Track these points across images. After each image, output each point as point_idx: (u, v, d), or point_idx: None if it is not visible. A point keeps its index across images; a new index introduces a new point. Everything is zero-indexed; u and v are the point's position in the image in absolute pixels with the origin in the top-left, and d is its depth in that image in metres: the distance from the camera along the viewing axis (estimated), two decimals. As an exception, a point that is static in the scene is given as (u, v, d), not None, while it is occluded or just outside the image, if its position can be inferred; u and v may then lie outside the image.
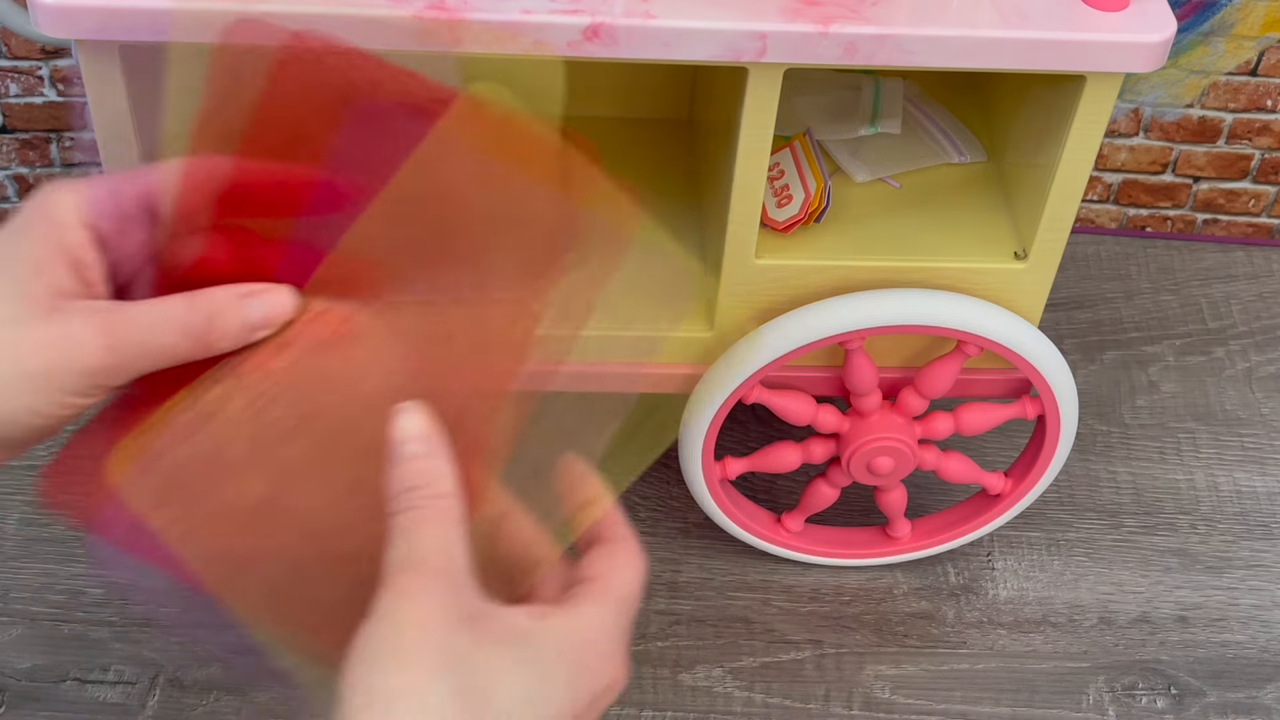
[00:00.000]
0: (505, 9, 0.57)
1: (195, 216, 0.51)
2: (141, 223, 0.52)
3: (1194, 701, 0.77)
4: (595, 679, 0.48)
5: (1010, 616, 0.80)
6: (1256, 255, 1.01)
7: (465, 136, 0.51)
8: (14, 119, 0.91)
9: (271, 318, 0.51)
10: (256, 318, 0.51)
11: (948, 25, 0.59)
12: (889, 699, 0.76)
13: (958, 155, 0.75)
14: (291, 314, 0.51)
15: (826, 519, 0.81)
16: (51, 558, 0.79)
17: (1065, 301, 0.97)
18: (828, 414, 0.73)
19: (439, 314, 0.52)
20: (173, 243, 0.52)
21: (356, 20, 0.57)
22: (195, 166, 0.51)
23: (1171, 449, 0.89)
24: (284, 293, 0.51)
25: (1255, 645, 0.79)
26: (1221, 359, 0.94)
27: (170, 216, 0.51)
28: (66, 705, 0.73)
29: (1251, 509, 0.86)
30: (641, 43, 0.58)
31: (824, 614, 0.79)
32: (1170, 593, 0.81)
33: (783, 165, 0.71)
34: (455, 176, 0.52)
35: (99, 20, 0.57)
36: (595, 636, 0.49)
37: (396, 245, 0.52)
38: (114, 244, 0.52)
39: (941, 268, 0.69)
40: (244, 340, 0.51)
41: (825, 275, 0.69)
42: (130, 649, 0.75)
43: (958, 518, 0.80)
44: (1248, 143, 0.97)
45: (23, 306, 0.50)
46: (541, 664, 0.47)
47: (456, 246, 0.52)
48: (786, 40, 0.59)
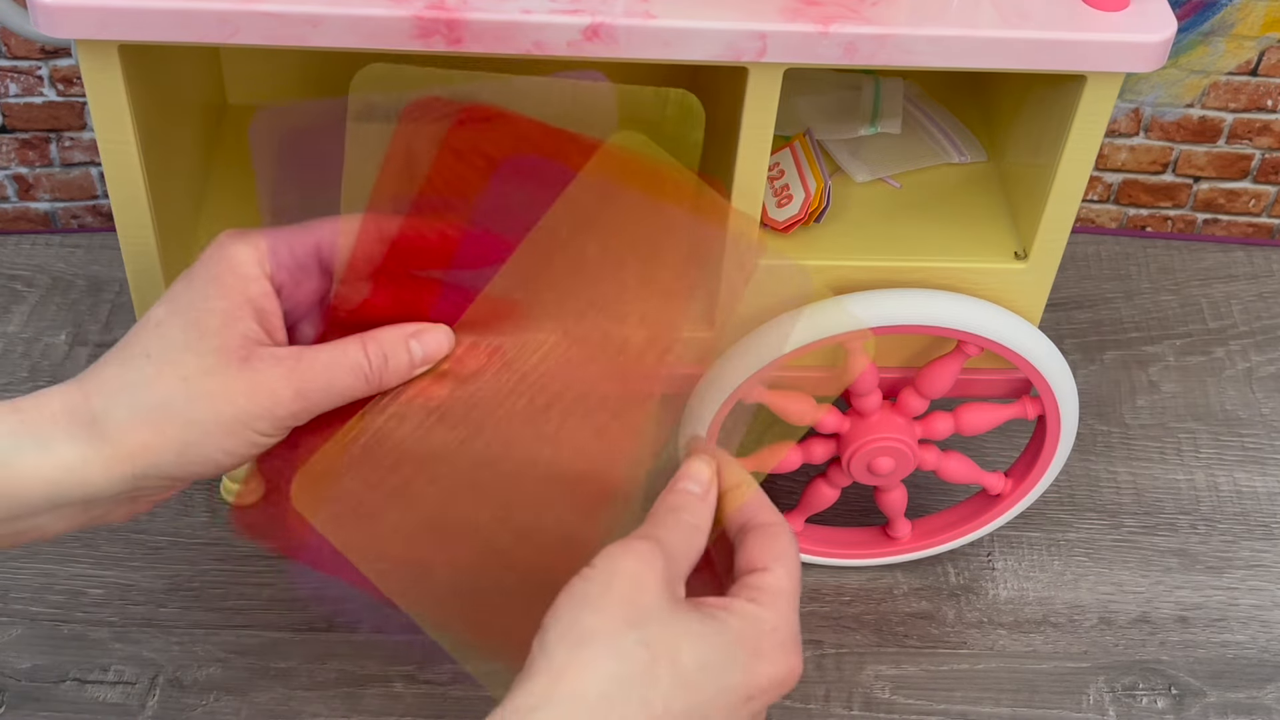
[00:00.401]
0: (505, 9, 0.57)
1: (367, 266, 0.57)
2: (312, 272, 0.58)
3: (1194, 702, 0.77)
4: (772, 667, 0.53)
5: (1010, 617, 0.80)
6: (1257, 255, 1.01)
7: (607, 180, 0.57)
8: (14, 119, 0.91)
9: (432, 355, 0.57)
10: (420, 356, 0.57)
11: (948, 25, 0.59)
12: (889, 699, 0.76)
13: (958, 155, 0.75)
14: (450, 350, 0.57)
15: (826, 519, 0.81)
16: (51, 558, 0.79)
17: (1065, 301, 0.97)
18: (828, 414, 0.73)
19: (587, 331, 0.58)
20: (343, 288, 0.57)
21: (357, 20, 0.57)
22: (370, 222, 0.57)
23: (1172, 449, 0.89)
24: (443, 331, 0.57)
25: (1255, 645, 0.79)
26: (1222, 359, 0.94)
27: (344, 266, 0.57)
28: (66, 705, 0.73)
29: (1252, 509, 0.86)
30: (641, 43, 0.58)
31: (824, 614, 0.79)
32: (1170, 593, 0.81)
33: (783, 165, 0.71)
34: (597, 216, 0.58)
35: (99, 20, 0.57)
36: (777, 625, 0.53)
37: (541, 282, 0.58)
38: (289, 292, 0.57)
39: (941, 268, 0.69)
40: (409, 376, 0.57)
41: (825, 275, 0.69)
42: (130, 649, 0.75)
43: (958, 518, 0.80)
44: (1248, 143, 0.97)
45: (217, 358, 0.54)
46: (725, 642, 0.52)
47: (597, 281, 0.58)
48: (786, 40, 0.59)
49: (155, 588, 0.78)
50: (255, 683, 0.74)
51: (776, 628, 0.53)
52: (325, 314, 0.59)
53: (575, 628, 0.50)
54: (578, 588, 0.51)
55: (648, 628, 0.50)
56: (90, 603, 0.77)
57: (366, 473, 0.56)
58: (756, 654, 0.52)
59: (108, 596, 0.77)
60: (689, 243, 0.59)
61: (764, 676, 0.52)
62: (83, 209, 0.96)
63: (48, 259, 0.95)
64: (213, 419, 0.54)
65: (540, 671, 0.49)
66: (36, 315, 0.91)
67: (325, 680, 0.74)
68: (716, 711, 0.51)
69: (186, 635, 0.76)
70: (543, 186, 0.57)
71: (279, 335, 0.57)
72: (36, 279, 0.93)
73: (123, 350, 0.55)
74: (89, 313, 0.91)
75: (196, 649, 0.75)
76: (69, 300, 0.92)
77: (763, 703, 0.53)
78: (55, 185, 0.95)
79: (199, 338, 0.54)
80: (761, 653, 0.53)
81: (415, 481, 0.57)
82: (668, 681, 0.50)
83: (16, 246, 0.95)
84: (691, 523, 0.56)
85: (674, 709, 0.50)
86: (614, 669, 0.49)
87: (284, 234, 0.57)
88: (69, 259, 0.95)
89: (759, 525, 0.57)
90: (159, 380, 0.54)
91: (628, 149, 0.58)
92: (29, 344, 0.89)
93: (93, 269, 0.94)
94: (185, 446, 0.54)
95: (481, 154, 0.58)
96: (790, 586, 0.55)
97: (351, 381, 0.56)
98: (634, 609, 0.51)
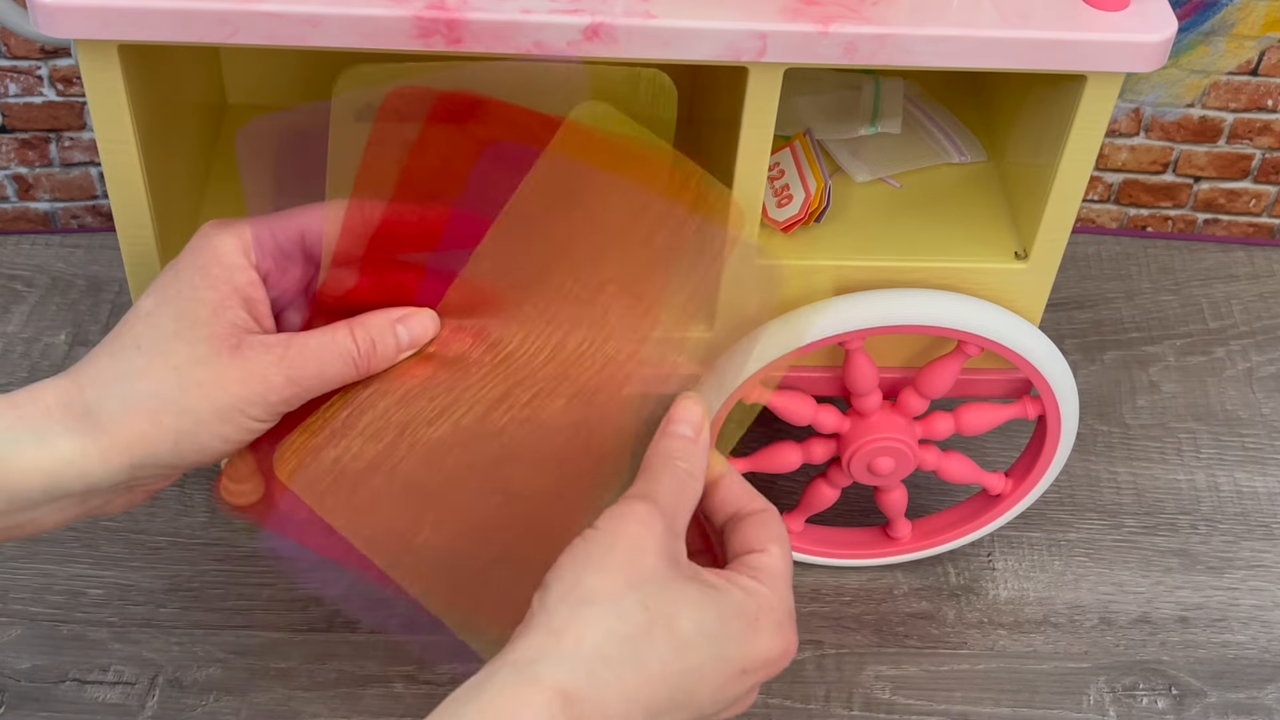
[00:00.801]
0: (505, 9, 0.57)
1: (352, 253, 0.58)
2: (297, 259, 0.59)
3: (1194, 702, 0.77)
4: (769, 641, 0.54)
5: (1011, 617, 0.80)
6: (1257, 255, 1.01)
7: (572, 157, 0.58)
8: (13, 119, 0.91)
9: (418, 339, 0.58)
10: (406, 340, 0.58)
11: (948, 25, 0.59)
12: (889, 699, 0.76)
13: (958, 155, 0.75)
14: (434, 334, 0.58)
15: (826, 519, 0.81)
16: (50, 558, 0.79)
17: (1066, 301, 0.97)
18: (828, 414, 0.73)
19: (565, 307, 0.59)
20: (329, 275, 0.58)
21: (357, 20, 0.57)
22: (354, 209, 0.58)
23: (1172, 449, 0.89)
24: (429, 315, 0.58)
25: (1256, 646, 0.79)
26: (1222, 359, 0.94)
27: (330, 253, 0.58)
28: (66, 705, 0.73)
29: (1252, 509, 0.86)
30: (641, 42, 0.58)
31: (824, 614, 0.79)
32: (1171, 593, 0.81)
33: (783, 165, 0.71)
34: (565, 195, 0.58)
35: (99, 20, 0.57)
36: (774, 603, 0.55)
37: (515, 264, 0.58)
38: (274, 280, 0.58)
39: (941, 268, 0.69)
40: (396, 360, 0.58)
41: (825, 275, 0.69)
42: (130, 649, 0.75)
43: (958, 518, 0.80)
44: (1248, 142, 0.97)
45: (208, 347, 0.55)
46: (722, 613, 0.53)
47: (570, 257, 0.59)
48: (786, 40, 0.59)
49: (155, 588, 0.78)
50: (255, 683, 0.74)
51: (774, 606, 0.54)
52: (311, 301, 0.59)
53: (578, 587, 0.51)
54: (580, 548, 0.52)
55: (648, 592, 0.51)
56: (90, 603, 0.77)
57: (349, 443, 0.57)
58: (753, 628, 0.53)
59: (107, 597, 0.77)
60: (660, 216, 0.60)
61: (760, 651, 0.53)
62: (83, 209, 0.96)
63: (48, 259, 0.95)
64: (206, 407, 0.55)
65: (540, 627, 0.50)
66: (36, 315, 0.91)
67: (325, 680, 0.74)
68: (710, 679, 0.52)
69: (186, 635, 0.76)
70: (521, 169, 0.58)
71: (267, 323, 0.58)
72: (36, 279, 0.93)
73: (113, 342, 0.56)
74: (89, 313, 0.91)
75: (196, 649, 0.75)
76: (69, 300, 0.92)
77: (756, 679, 0.54)
78: (55, 185, 0.95)
79: (189, 327, 0.55)
80: (758, 627, 0.53)
81: (397, 450, 0.58)
82: (664, 644, 0.51)
83: (16, 246, 0.95)
84: (686, 469, 0.57)
85: (668, 670, 0.51)
86: (613, 628, 0.50)
87: (267, 222, 0.58)
88: (69, 259, 0.95)
89: (750, 513, 0.58)
90: (151, 371, 0.55)
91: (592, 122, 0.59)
92: (29, 344, 0.89)
93: (93, 269, 0.94)
94: (180, 435, 0.55)
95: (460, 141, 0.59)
96: (785, 569, 0.56)
97: (341, 367, 0.56)
98: (635, 571, 0.52)
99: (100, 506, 0.57)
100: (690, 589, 0.53)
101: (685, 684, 0.51)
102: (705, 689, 0.52)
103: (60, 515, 0.56)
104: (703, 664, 0.52)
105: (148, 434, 0.54)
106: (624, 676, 0.50)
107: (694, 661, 0.51)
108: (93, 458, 0.54)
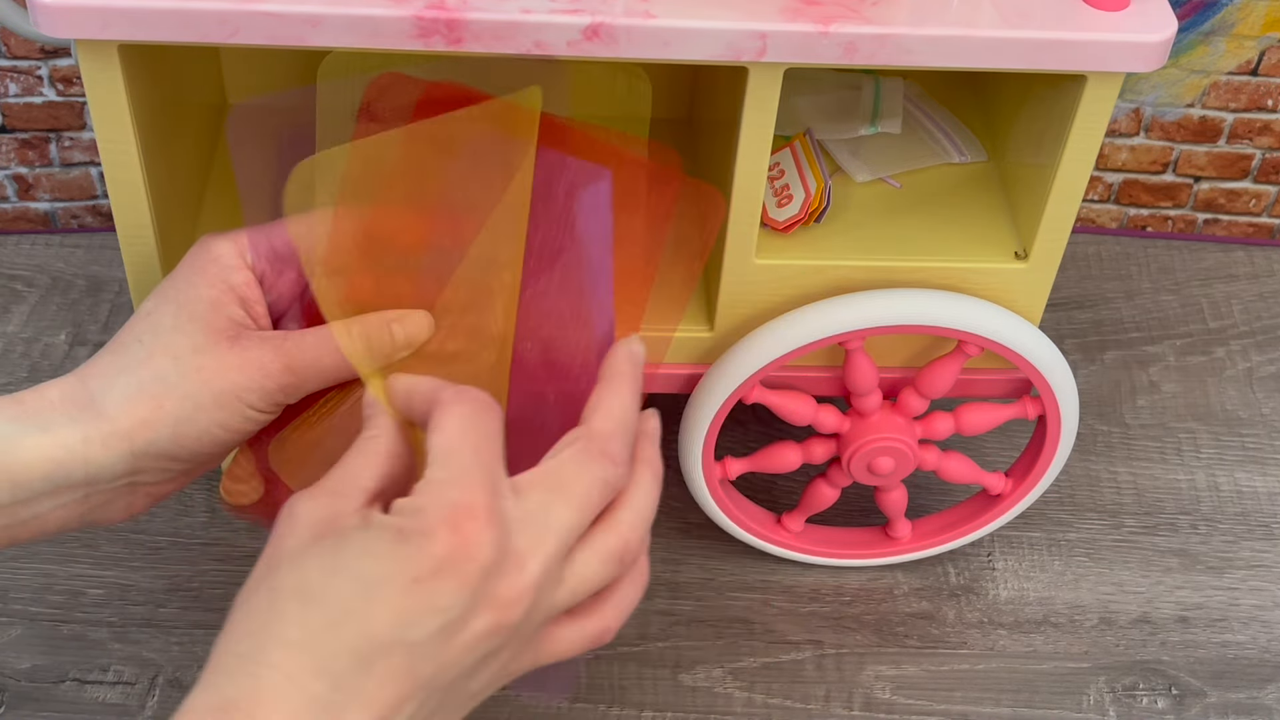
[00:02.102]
0: (505, 9, 0.57)
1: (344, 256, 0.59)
2: (292, 262, 0.60)
3: (1195, 702, 0.77)
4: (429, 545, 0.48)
5: (1011, 617, 0.80)
6: (1257, 255, 1.01)
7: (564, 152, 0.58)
8: (13, 119, 0.91)
9: (414, 338, 0.58)
10: (402, 339, 0.58)
11: (948, 25, 0.59)
12: (889, 699, 0.76)
13: (958, 155, 0.75)
14: (430, 334, 0.59)
15: (826, 519, 0.81)
16: (51, 558, 0.79)
17: (1065, 301, 0.97)
18: (828, 414, 0.73)
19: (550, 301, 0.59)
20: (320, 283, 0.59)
21: (357, 20, 0.57)
22: (343, 214, 0.58)
23: (1172, 449, 0.89)
24: (423, 315, 0.59)
25: (1256, 646, 0.79)
26: (1222, 359, 0.94)
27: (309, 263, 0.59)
28: (66, 705, 0.73)
29: (1252, 509, 0.86)
30: (641, 42, 0.58)
31: (824, 614, 0.79)
32: (1171, 593, 0.81)
33: (783, 165, 0.71)
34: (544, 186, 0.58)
35: (99, 20, 0.57)
36: (424, 505, 0.49)
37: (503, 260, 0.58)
38: (270, 282, 0.60)
39: (941, 268, 0.69)
40: (392, 359, 0.58)
41: (825, 275, 0.69)
42: (130, 649, 0.75)
43: (958, 518, 0.80)
44: (1248, 142, 0.97)
45: (206, 338, 0.57)
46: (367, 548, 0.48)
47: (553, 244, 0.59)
48: (786, 40, 0.59)
49: (155, 588, 0.78)
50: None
51: (421, 508, 0.49)
52: (306, 309, 0.61)
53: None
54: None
55: (274, 577, 0.49)
56: (90, 603, 0.77)
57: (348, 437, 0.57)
58: (402, 537, 0.48)
59: (107, 597, 0.77)
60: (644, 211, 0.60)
61: (418, 553, 0.48)
62: (82, 209, 0.96)
63: (48, 259, 0.95)
64: (206, 392, 0.56)
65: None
66: (36, 315, 0.91)
67: (325, 680, 0.74)
68: (375, 607, 0.47)
69: (186, 635, 0.76)
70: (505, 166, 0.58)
71: (264, 322, 0.59)
72: (36, 279, 0.93)
73: (116, 341, 0.58)
74: (89, 313, 0.91)
75: (196, 649, 0.75)
76: (69, 300, 0.92)
77: (452, 585, 0.48)
78: (55, 185, 0.95)
79: (188, 320, 0.57)
80: (406, 535, 0.48)
81: None
82: (294, 609, 0.47)
83: (16, 246, 0.95)
84: (374, 450, 0.53)
85: (312, 626, 0.47)
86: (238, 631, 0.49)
87: (262, 229, 0.60)
88: (69, 259, 0.95)
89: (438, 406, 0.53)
90: (151, 360, 0.56)
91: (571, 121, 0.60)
92: (29, 344, 0.89)
93: (93, 269, 0.94)
94: (180, 421, 0.56)
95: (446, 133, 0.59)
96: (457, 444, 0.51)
97: (337, 360, 0.57)
98: (265, 564, 0.50)
99: (102, 505, 0.58)
100: (323, 546, 0.49)
101: (350, 626, 0.47)
102: (377, 620, 0.47)
103: (62, 512, 0.57)
104: (348, 600, 0.47)
105: (149, 419, 0.56)
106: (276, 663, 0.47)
107: (336, 602, 0.47)
108: (95, 445, 0.56)
